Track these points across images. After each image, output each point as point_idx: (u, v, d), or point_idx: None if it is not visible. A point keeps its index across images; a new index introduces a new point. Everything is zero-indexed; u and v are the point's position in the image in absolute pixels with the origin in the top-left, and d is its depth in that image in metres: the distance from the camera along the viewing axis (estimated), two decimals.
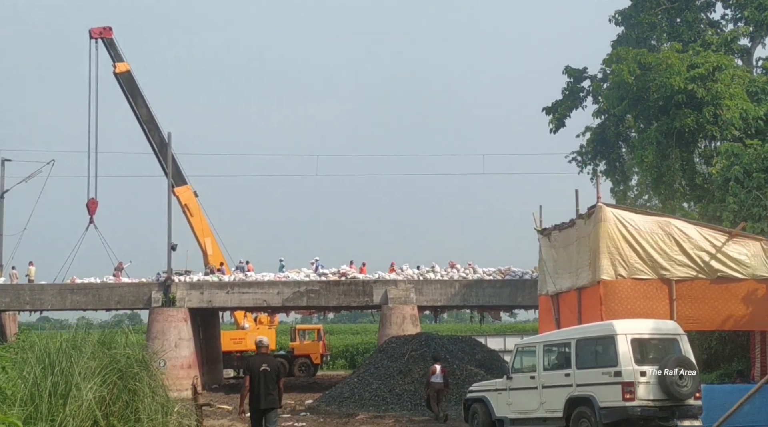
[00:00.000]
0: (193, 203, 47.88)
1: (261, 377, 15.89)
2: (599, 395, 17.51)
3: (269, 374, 15.91)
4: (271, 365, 16.15)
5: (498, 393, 20.61)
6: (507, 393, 20.22)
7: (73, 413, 13.11)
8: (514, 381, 20.06)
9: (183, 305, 41.57)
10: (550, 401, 18.85)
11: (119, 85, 47.93)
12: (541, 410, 19.15)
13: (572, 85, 38.78)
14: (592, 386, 17.78)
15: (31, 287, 43.73)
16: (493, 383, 21.57)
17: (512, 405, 20.03)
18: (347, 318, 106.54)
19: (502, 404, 20.41)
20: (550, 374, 19.10)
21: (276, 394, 15.97)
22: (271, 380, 15.92)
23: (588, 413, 17.68)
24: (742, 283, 21.05)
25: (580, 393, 18.03)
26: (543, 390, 19.08)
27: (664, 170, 31.38)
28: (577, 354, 18.36)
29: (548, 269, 25.42)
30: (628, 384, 17.07)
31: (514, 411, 20.00)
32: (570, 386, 18.32)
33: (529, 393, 19.53)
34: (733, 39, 35.48)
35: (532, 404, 19.41)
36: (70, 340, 14.91)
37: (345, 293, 42.14)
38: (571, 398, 18.22)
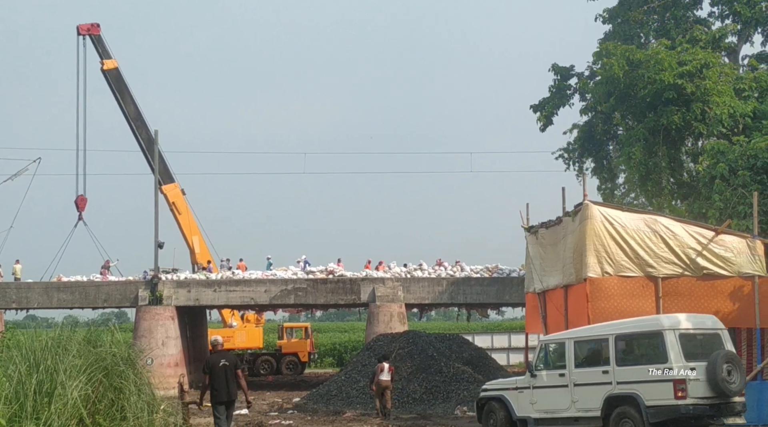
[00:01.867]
0: (180, 201, 47.79)
1: (221, 372, 17.27)
2: (645, 394, 16.80)
3: (228, 368, 17.31)
4: (229, 360, 17.55)
5: (519, 392, 19.55)
6: (530, 392, 19.20)
7: (58, 411, 13.07)
8: (538, 379, 19.07)
9: (170, 303, 41.49)
10: (583, 400, 18.03)
11: (107, 82, 47.78)
12: (572, 409, 18.31)
13: (559, 82, 38.86)
14: (637, 383, 17.04)
15: (17, 286, 43.56)
16: (512, 381, 20.48)
17: (537, 404, 19.08)
18: (335, 316, 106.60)
19: (524, 403, 19.39)
20: (583, 371, 18.22)
21: (236, 386, 17.44)
22: (231, 373, 17.32)
23: (632, 412, 16.97)
24: (727, 280, 21.13)
25: (622, 391, 17.29)
26: (575, 388, 18.22)
27: (651, 167, 31.48)
28: (616, 350, 17.60)
29: (535, 266, 25.46)
30: (679, 381, 16.47)
31: (538, 410, 19.04)
32: (608, 384, 17.55)
33: (558, 392, 18.61)
34: (721, 37, 35.60)
35: (562, 403, 18.51)
36: (55, 338, 14.87)
37: (332, 290, 42.14)
38: (610, 396, 17.45)
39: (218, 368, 17.35)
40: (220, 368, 17.35)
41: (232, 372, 17.40)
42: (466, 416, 26.85)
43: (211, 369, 17.43)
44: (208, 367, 17.53)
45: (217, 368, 17.36)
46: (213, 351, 18.43)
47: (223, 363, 17.42)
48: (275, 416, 28.39)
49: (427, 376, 30.41)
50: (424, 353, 31.76)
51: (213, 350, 18.41)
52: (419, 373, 30.57)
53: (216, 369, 17.36)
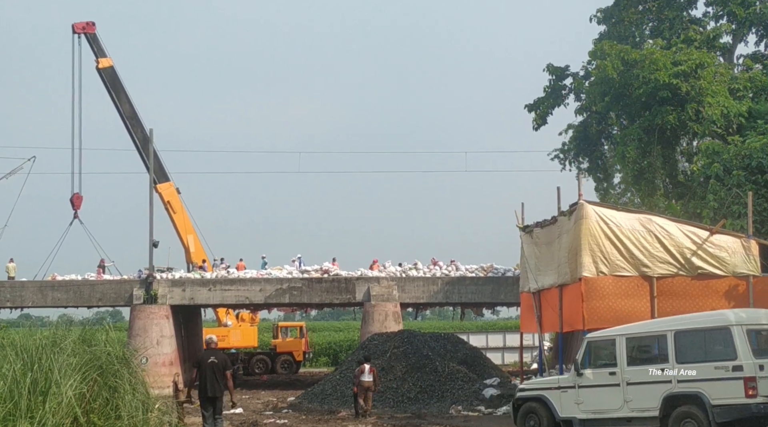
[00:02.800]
0: (175, 200, 47.72)
1: (208, 368, 17.84)
2: (711, 392, 16.25)
3: (216, 366, 17.87)
4: (218, 358, 18.15)
5: (562, 391, 18.86)
6: (576, 391, 18.55)
7: (52, 410, 13.06)
8: (585, 378, 18.39)
9: (165, 302, 41.42)
10: (638, 400, 17.44)
11: (102, 81, 47.70)
12: (625, 409, 17.69)
13: (554, 82, 38.88)
14: (701, 382, 16.48)
15: (11, 284, 43.45)
16: (554, 380, 19.79)
17: (583, 404, 18.41)
18: (330, 315, 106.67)
19: (568, 403, 18.71)
20: (637, 369, 17.59)
21: (223, 384, 17.92)
22: (219, 371, 17.87)
23: (695, 411, 16.44)
24: (722, 280, 21.18)
25: (683, 390, 16.75)
26: (628, 387, 17.63)
27: (645, 167, 31.51)
28: (676, 347, 17.03)
29: (530, 266, 25.48)
30: (750, 379, 15.88)
31: (585, 411, 18.39)
32: (668, 382, 16.99)
33: (608, 391, 17.96)
34: (716, 36, 35.65)
35: (613, 402, 17.90)
36: (50, 337, 14.86)
37: (327, 290, 42.11)
38: (670, 395, 16.91)
39: (206, 364, 17.92)
40: (208, 364, 17.91)
41: (219, 370, 17.90)
42: (461, 415, 26.88)
43: (199, 364, 18.09)
44: (197, 362, 18.29)
45: (205, 364, 17.93)
46: (206, 348, 19.01)
47: (212, 360, 17.99)
48: (270, 415, 28.40)
49: (422, 375, 30.40)
50: (419, 352, 31.76)
51: (206, 348, 18.99)
52: (414, 372, 30.56)
53: (204, 365, 17.94)
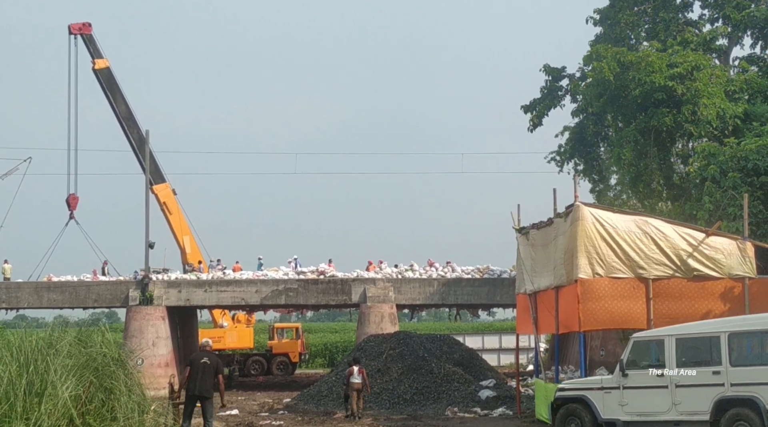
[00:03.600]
0: (171, 201, 47.70)
1: (200, 368, 18.23)
2: (767, 397, 16.03)
3: (208, 367, 18.24)
4: (211, 359, 18.51)
5: (606, 392, 18.43)
6: (620, 392, 18.17)
7: (48, 411, 13.06)
8: (630, 378, 18.00)
9: (161, 303, 41.41)
10: (687, 402, 17.11)
11: (98, 82, 47.67)
12: (673, 412, 17.34)
13: (551, 83, 38.92)
14: (756, 385, 16.16)
15: (7, 285, 43.41)
16: (596, 380, 19.32)
17: (628, 406, 18.04)
18: (326, 316, 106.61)
19: (611, 404, 18.30)
20: (687, 371, 17.23)
21: (211, 385, 18.24)
22: (209, 371, 18.22)
23: (750, 415, 16.11)
24: (718, 281, 21.15)
25: (737, 394, 16.43)
26: (677, 390, 17.33)
27: (641, 169, 31.54)
28: (730, 349, 16.66)
29: (526, 267, 25.46)
30: None
31: (630, 413, 18.02)
32: (720, 385, 16.68)
33: (655, 393, 17.70)
34: (712, 39, 35.70)
35: (660, 405, 17.56)
36: (46, 338, 14.86)
37: (323, 291, 42.11)
38: (722, 399, 16.60)
39: (198, 364, 18.34)
40: (200, 364, 18.33)
41: (210, 371, 18.28)
42: (457, 416, 26.88)
43: (191, 363, 18.51)
44: (190, 361, 18.70)
45: (197, 364, 18.35)
46: (201, 350, 19.50)
47: (205, 360, 18.40)
48: (266, 416, 28.39)
49: (417, 377, 30.42)
50: (415, 353, 31.76)
51: (201, 349, 19.47)
52: (410, 374, 30.57)
53: (196, 364, 18.36)
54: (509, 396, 28.93)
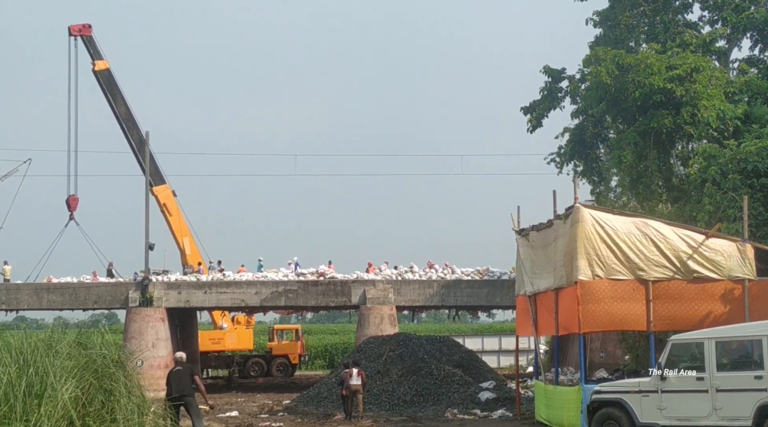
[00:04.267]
0: (171, 203, 47.73)
1: (174, 375, 19.53)
2: None
3: (181, 372, 19.57)
4: (184, 367, 19.85)
5: (643, 395, 18.08)
6: (658, 396, 17.80)
7: (48, 413, 13.04)
8: (668, 382, 17.66)
9: (160, 304, 41.43)
10: (728, 407, 16.72)
11: (98, 83, 47.69)
12: (713, 417, 16.96)
13: (551, 85, 38.87)
14: None
15: (6, 287, 43.42)
16: (634, 383, 18.83)
17: (666, 410, 17.67)
18: (325, 318, 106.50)
19: (650, 407, 17.93)
20: (728, 375, 16.94)
21: (189, 385, 19.37)
22: (185, 375, 19.50)
23: None
24: (718, 283, 21.13)
25: None
26: (717, 394, 16.94)
27: (641, 171, 31.51)
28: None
29: (526, 269, 25.45)
30: None
31: (668, 417, 17.65)
32: (763, 391, 16.33)
33: (695, 397, 17.25)
34: (711, 41, 35.67)
35: (699, 409, 17.18)
36: (45, 340, 14.85)
37: (323, 293, 42.13)
38: (765, 404, 16.29)
39: (173, 374, 19.74)
40: (173, 373, 19.75)
41: (185, 374, 19.56)
42: (457, 418, 26.89)
43: (167, 376, 19.90)
44: (167, 377, 19.91)
45: (172, 374, 19.76)
46: (175, 366, 20.54)
47: (178, 369, 19.79)
48: (266, 418, 28.42)
49: (417, 378, 30.42)
50: (414, 355, 31.77)
51: (176, 365, 20.47)
52: (410, 375, 30.57)
53: (171, 375, 19.77)
54: (509, 398, 28.94)
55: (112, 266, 45.90)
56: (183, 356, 20.68)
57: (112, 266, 45.82)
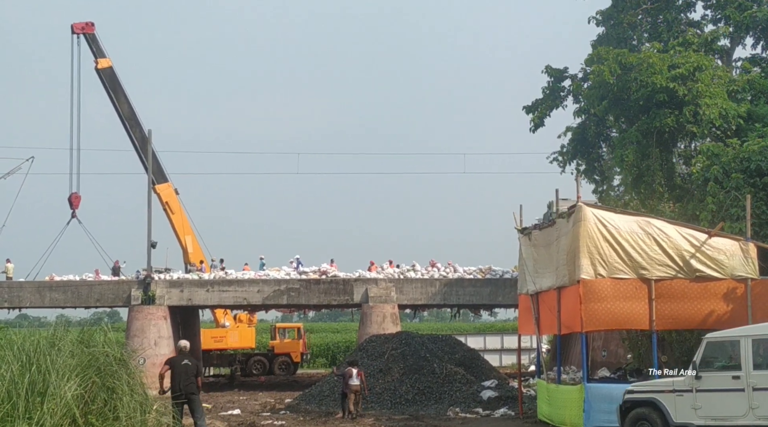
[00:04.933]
0: (173, 201, 47.75)
1: (182, 370, 19.26)
2: None
3: (189, 368, 19.34)
4: (191, 361, 19.59)
5: (678, 395, 17.67)
6: (693, 395, 17.42)
7: (50, 411, 13.05)
8: (704, 381, 17.23)
9: (163, 302, 41.46)
10: (765, 406, 16.43)
11: (101, 81, 47.71)
12: (750, 416, 16.66)
13: (553, 84, 38.86)
14: None
15: (9, 285, 43.45)
16: (668, 382, 18.37)
17: (701, 409, 17.28)
18: (327, 316, 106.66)
19: (684, 407, 17.54)
20: (765, 373, 16.59)
21: (194, 383, 19.34)
22: (191, 372, 19.32)
23: None
24: (720, 282, 21.13)
25: None
26: (754, 393, 16.59)
27: (644, 170, 31.50)
28: None
29: (528, 268, 25.45)
30: None
31: (703, 416, 17.27)
32: None
33: (731, 396, 16.93)
34: (713, 39, 35.64)
35: (736, 409, 16.85)
36: (48, 338, 14.86)
37: (325, 291, 42.14)
38: None
39: (180, 366, 19.37)
40: (181, 366, 19.39)
41: (191, 372, 19.37)
42: (459, 417, 26.88)
43: (172, 365, 19.51)
44: (170, 363, 19.71)
45: (179, 366, 19.38)
46: (178, 354, 20.43)
47: (185, 362, 19.47)
48: (267, 416, 28.40)
49: (419, 377, 30.43)
50: (416, 354, 31.77)
51: (177, 354, 20.43)
52: (412, 374, 30.58)
53: (178, 366, 19.38)
54: (511, 397, 28.94)
55: (119, 263, 45.92)
56: (187, 346, 20.38)
57: (118, 264, 45.83)
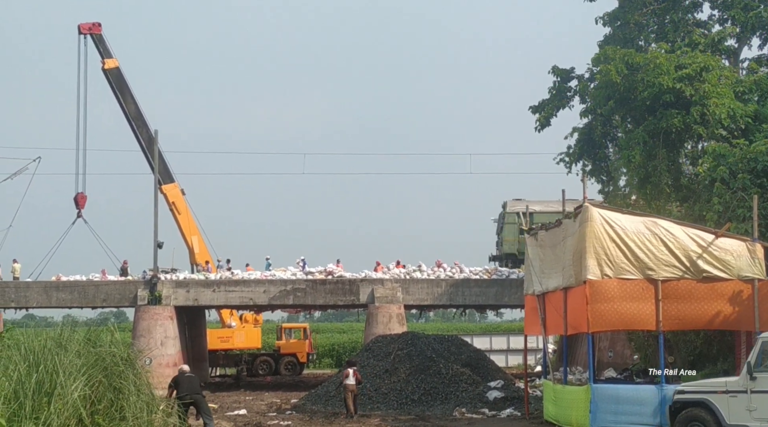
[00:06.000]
0: (180, 201, 47.78)
1: (186, 379, 20.86)
2: None
3: (193, 378, 21.12)
4: (193, 375, 21.43)
5: (731, 396, 17.36)
6: (747, 396, 17.09)
7: (57, 411, 13.08)
8: (759, 382, 16.89)
9: (169, 303, 41.49)
10: None
11: (108, 82, 47.74)
12: None
13: (559, 84, 38.82)
14: None
15: (16, 285, 43.51)
16: (720, 382, 18.14)
17: (757, 411, 16.95)
18: (333, 317, 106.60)
19: (738, 409, 17.21)
20: None
21: (198, 386, 20.80)
22: (195, 381, 21.05)
23: None
24: (727, 283, 21.09)
25: None
26: None
27: (650, 170, 31.46)
28: None
29: (535, 268, 25.43)
30: None
31: (759, 418, 16.95)
32: None
33: None
34: (720, 40, 35.59)
35: None
36: (55, 338, 14.89)
37: (331, 291, 42.14)
38: None
39: (183, 377, 21.08)
40: (185, 377, 21.13)
41: (195, 380, 21.13)
42: (465, 417, 26.88)
43: (177, 382, 20.86)
44: (175, 380, 21.01)
45: (182, 378, 21.07)
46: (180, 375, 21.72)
47: (189, 375, 21.30)
48: (274, 416, 28.43)
49: (425, 377, 30.42)
50: (423, 354, 31.76)
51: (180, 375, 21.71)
52: (418, 374, 30.57)
53: (181, 378, 21.05)
54: (517, 397, 28.92)
55: (127, 264, 45.97)
56: (188, 370, 22.14)
57: (126, 265, 45.88)
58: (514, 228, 46.02)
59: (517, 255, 45.62)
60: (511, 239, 46.64)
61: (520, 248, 43.89)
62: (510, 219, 46.80)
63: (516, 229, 45.34)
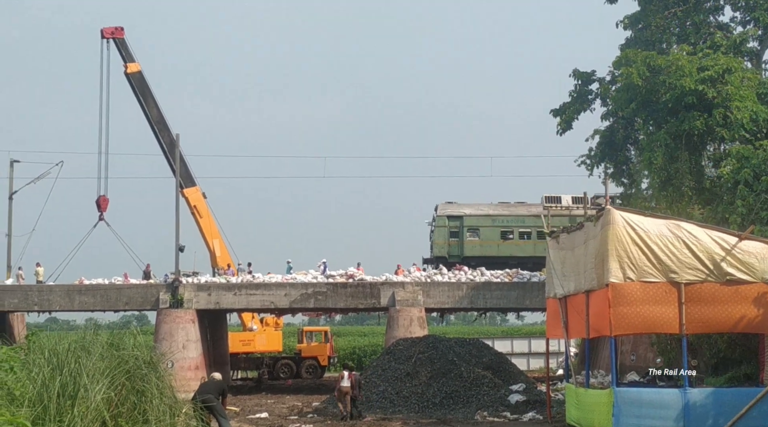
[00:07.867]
0: (201, 205, 47.92)
1: (205, 385, 21.66)
2: None
3: (214, 383, 21.76)
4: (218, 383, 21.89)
5: None
6: None
7: (81, 414, 13.12)
8: None
9: (190, 306, 41.59)
10: None
11: (130, 86, 47.97)
12: None
13: (580, 87, 38.74)
14: None
15: (39, 288, 43.73)
16: None
17: None
18: (354, 320, 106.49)
19: None
20: None
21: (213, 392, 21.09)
22: (213, 386, 21.53)
23: None
24: (751, 286, 20.90)
25: None
26: None
27: (672, 173, 31.31)
28: None
29: (556, 271, 25.33)
30: None
31: None
32: None
33: None
34: (742, 41, 35.40)
35: None
36: (78, 341, 14.94)
37: (352, 294, 42.15)
38: None
39: (205, 382, 22.10)
40: (205, 383, 22.11)
41: (213, 386, 21.49)
42: (487, 421, 26.82)
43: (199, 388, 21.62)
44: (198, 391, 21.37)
45: (203, 383, 22.10)
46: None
47: (211, 380, 22.10)
48: (295, 419, 28.47)
49: (447, 381, 30.36)
50: (444, 357, 31.69)
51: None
52: (439, 377, 30.52)
53: (203, 383, 22.17)
54: (539, 401, 28.82)
55: (150, 267, 46.14)
56: (218, 376, 22.70)
57: (149, 268, 46.05)
58: (444, 231, 46.81)
59: (447, 258, 46.44)
60: (441, 241, 47.10)
61: (450, 250, 46.09)
62: (440, 222, 47.15)
63: (446, 232, 46.63)
